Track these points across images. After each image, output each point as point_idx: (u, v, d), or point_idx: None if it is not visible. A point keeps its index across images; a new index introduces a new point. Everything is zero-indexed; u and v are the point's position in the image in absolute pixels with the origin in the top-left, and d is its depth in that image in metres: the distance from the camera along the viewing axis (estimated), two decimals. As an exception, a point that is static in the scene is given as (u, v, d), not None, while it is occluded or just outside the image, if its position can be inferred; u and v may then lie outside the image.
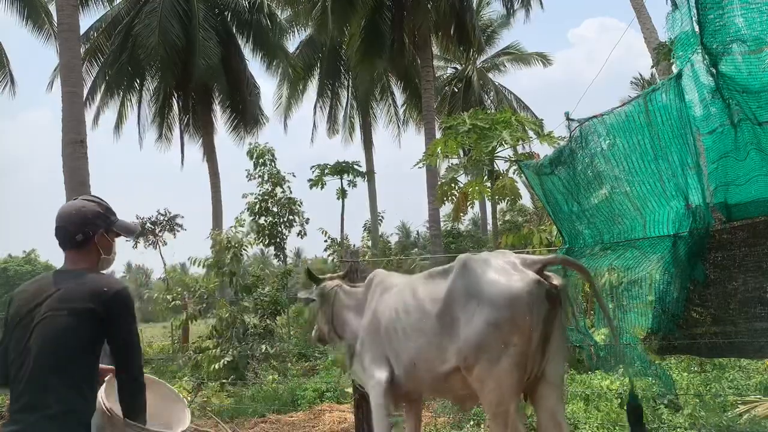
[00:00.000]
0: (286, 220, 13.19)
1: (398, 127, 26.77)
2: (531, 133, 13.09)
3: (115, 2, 20.93)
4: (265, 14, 21.29)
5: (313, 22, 20.87)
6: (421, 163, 14.20)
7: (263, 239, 12.84)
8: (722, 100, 3.14)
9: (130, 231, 2.57)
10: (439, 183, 14.10)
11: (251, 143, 13.84)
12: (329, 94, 25.84)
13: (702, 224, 3.37)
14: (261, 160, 13.00)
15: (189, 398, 7.80)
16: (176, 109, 22.54)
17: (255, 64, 32.17)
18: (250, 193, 12.93)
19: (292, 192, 13.41)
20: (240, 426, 6.56)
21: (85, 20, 20.12)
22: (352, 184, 19.69)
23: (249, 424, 6.61)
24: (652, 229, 3.59)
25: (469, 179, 12.73)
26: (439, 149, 12.72)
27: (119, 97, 21.28)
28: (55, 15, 13.73)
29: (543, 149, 12.03)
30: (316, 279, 4.41)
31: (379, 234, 22.81)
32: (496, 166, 12.21)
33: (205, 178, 21.64)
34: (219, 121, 22.47)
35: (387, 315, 3.56)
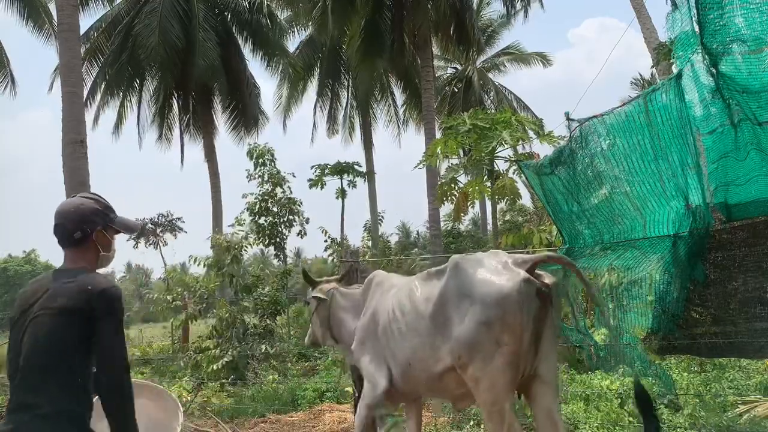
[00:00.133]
0: (286, 220, 13.17)
1: (398, 127, 26.81)
2: (531, 133, 13.10)
3: (115, 2, 20.93)
4: (265, 14, 21.29)
5: (313, 22, 20.87)
6: (422, 164, 14.20)
7: (263, 239, 12.83)
8: (722, 100, 3.15)
9: (130, 228, 2.55)
10: (439, 183, 14.09)
11: (251, 143, 13.82)
12: (329, 94, 25.84)
13: (702, 224, 3.37)
14: (261, 161, 12.99)
15: (189, 398, 7.80)
16: (176, 109, 22.54)
17: (255, 64, 32.28)
18: (250, 193, 12.93)
19: (292, 192, 13.41)
20: (240, 426, 6.56)
21: (85, 20, 20.17)
22: (352, 185, 19.68)
23: (249, 424, 6.61)
24: (652, 229, 3.60)
25: (469, 179, 12.72)
26: (439, 149, 12.71)
27: (119, 97, 21.29)
28: (55, 15, 13.74)
29: (543, 149, 12.04)
30: (312, 281, 4.42)
31: (379, 234, 22.80)
32: (496, 166, 12.20)
33: (205, 178, 21.67)
34: (219, 121, 22.50)
35: (384, 316, 3.58)
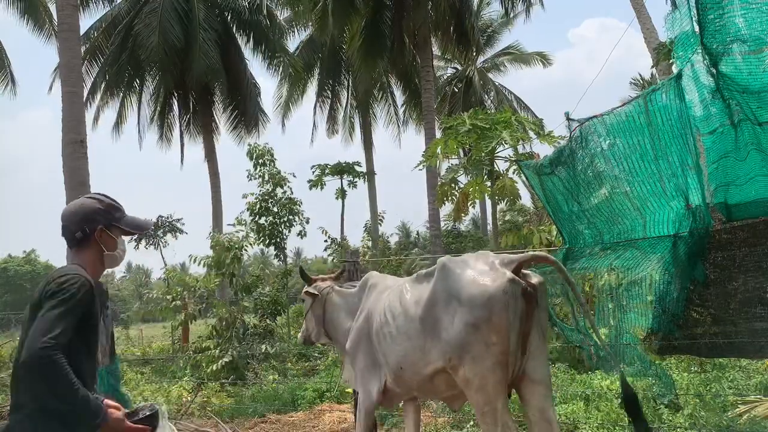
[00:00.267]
0: (286, 220, 13.17)
1: (398, 127, 26.83)
2: (531, 133, 13.10)
3: (115, 2, 20.94)
4: (265, 14, 21.30)
5: (313, 22, 20.87)
6: (422, 165, 14.20)
7: (263, 239, 12.83)
8: (722, 101, 3.15)
9: (139, 227, 2.51)
10: (439, 183, 14.10)
11: (251, 143, 13.81)
12: (329, 94, 25.85)
13: (702, 224, 3.37)
14: (261, 161, 13.00)
15: (189, 398, 7.80)
16: (176, 109, 22.55)
17: (255, 64, 32.22)
18: (251, 193, 12.94)
19: (293, 192, 13.42)
20: (240, 426, 6.56)
21: (85, 20, 20.18)
22: (352, 185, 19.68)
23: (249, 424, 6.61)
24: (652, 229, 3.60)
25: (469, 179, 12.72)
26: (439, 149, 12.73)
27: (119, 97, 21.29)
28: (55, 15, 13.74)
29: (543, 149, 12.05)
30: (308, 279, 4.43)
31: (379, 234, 22.79)
32: (496, 166, 12.21)
33: (205, 178, 21.65)
34: (219, 121, 22.48)
35: (377, 318, 3.61)
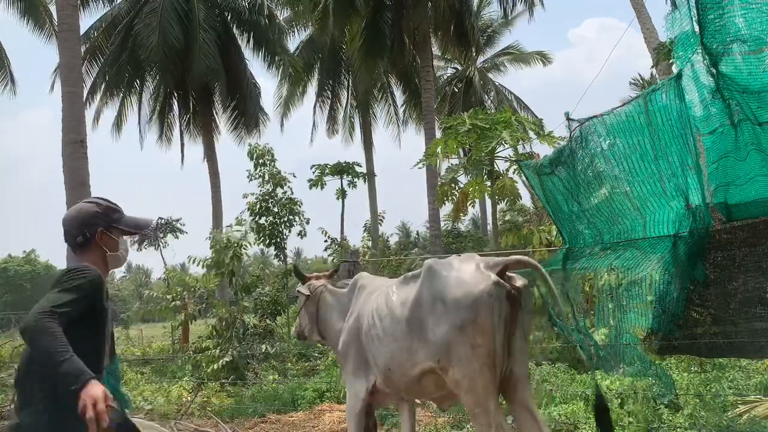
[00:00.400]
0: (287, 220, 13.18)
1: (398, 127, 26.82)
2: (531, 133, 13.10)
3: (115, 2, 20.94)
4: (265, 14, 21.29)
5: (314, 22, 20.87)
6: (421, 164, 14.20)
7: (263, 239, 12.84)
8: (722, 101, 3.15)
9: (139, 226, 2.56)
10: (439, 183, 14.10)
11: (251, 143, 13.82)
12: (329, 94, 25.85)
13: (702, 224, 3.37)
14: (261, 161, 13.00)
15: (189, 398, 7.80)
16: (176, 109, 22.55)
17: (256, 64, 32.20)
18: (251, 193, 12.95)
19: (293, 192, 13.42)
20: (240, 426, 6.56)
21: (85, 20, 20.18)
22: (352, 185, 19.68)
23: (249, 424, 6.61)
24: (652, 229, 3.60)
25: (469, 179, 12.72)
26: (439, 149, 12.73)
27: (119, 97, 21.30)
28: (55, 15, 13.74)
29: (543, 149, 12.05)
30: (302, 276, 4.47)
31: (379, 234, 22.80)
32: (496, 166, 12.21)
33: (205, 178, 21.65)
34: (220, 121, 22.49)
35: (366, 320, 3.66)
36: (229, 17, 21.73)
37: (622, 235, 3.75)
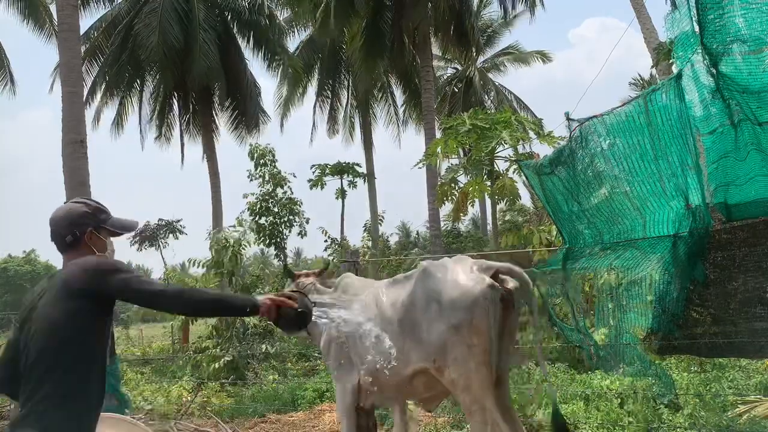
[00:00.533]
0: (287, 220, 13.18)
1: (398, 127, 26.79)
2: (531, 133, 13.09)
3: (115, 2, 20.94)
4: (265, 15, 21.29)
5: (314, 23, 20.87)
6: (421, 164, 14.20)
7: (263, 239, 12.84)
8: (722, 101, 3.15)
9: (125, 227, 2.58)
10: (439, 183, 14.10)
11: (252, 143, 13.83)
12: (329, 93, 25.85)
13: (702, 224, 3.37)
14: (262, 161, 13.01)
15: (189, 398, 7.80)
16: (176, 108, 22.53)
17: (256, 64, 32.21)
18: (251, 193, 12.95)
19: (293, 192, 13.42)
20: (240, 426, 6.56)
21: (85, 20, 20.15)
22: (352, 185, 19.68)
23: (249, 424, 6.61)
24: (652, 229, 3.60)
25: (469, 179, 12.72)
26: (439, 149, 12.73)
27: (119, 97, 21.29)
28: (55, 15, 13.74)
29: (543, 149, 12.05)
30: (291, 274, 4.55)
31: (379, 234, 22.80)
32: (496, 166, 12.21)
33: (205, 178, 21.64)
34: (220, 121, 22.46)
35: (354, 321, 3.69)
36: (229, 17, 21.71)
37: (622, 235, 3.75)
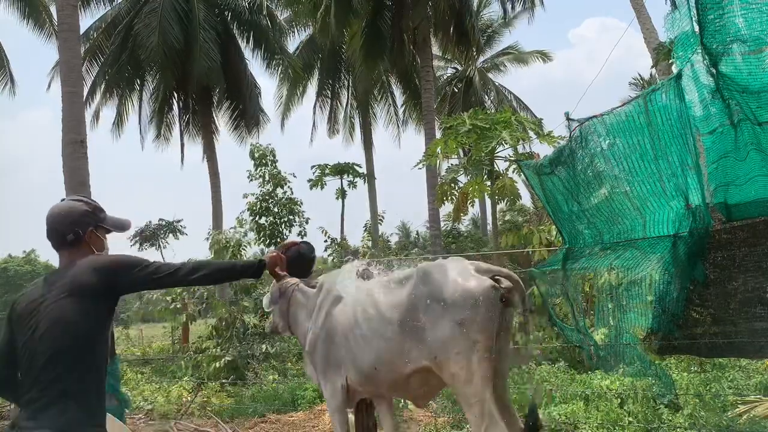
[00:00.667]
0: (287, 220, 13.17)
1: (398, 127, 26.79)
2: (531, 133, 13.08)
3: (115, 2, 20.93)
4: (265, 15, 21.29)
5: (314, 23, 20.86)
6: (421, 164, 14.19)
7: (263, 239, 12.83)
8: (722, 100, 3.15)
9: (121, 226, 2.61)
10: (439, 183, 14.09)
11: (252, 143, 13.81)
12: (329, 93, 25.85)
13: (702, 224, 3.37)
14: (263, 161, 13.00)
15: (189, 398, 7.80)
16: (176, 108, 22.54)
17: (256, 64, 32.18)
18: (251, 193, 12.95)
19: (293, 192, 13.41)
20: (240, 426, 6.56)
21: (85, 20, 20.16)
22: (352, 185, 19.70)
23: (249, 424, 6.61)
24: (652, 229, 3.60)
25: (469, 179, 12.71)
26: (439, 149, 12.71)
27: (119, 97, 21.29)
28: (55, 15, 13.73)
29: (543, 149, 12.04)
30: (276, 275, 4.52)
31: (379, 234, 22.79)
32: (496, 166, 12.20)
33: (205, 178, 21.65)
34: (219, 121, 22.47)
35: (344, 322, 3.75)
36: (229, 17, 21.71)
37: (622, 235, 3.75)
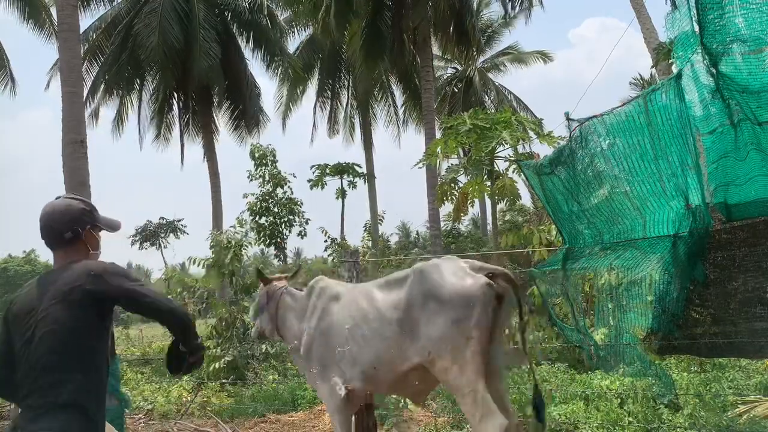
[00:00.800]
0: (286, 220, 13.19)
1: (398, 127, 26.81)
2: (531, 133, 13.08)
3: (115, 2, 20.93)
4: (265, 15, 21.29)
5: (314, 23, 20.87)
6: (421, 164, 14.20)
7: (264, 239, 12.84)
8: (722, 100, 3.15)
9: (113, 226, 2.61)
10: (439, 183, 14.09)
11: (253, 144, 13.84)
12: (329, 94, 25.86)
13: (702, 224, 3.37)
14: (263, 161, 13.02)
15: (189, 398, 7.80)
16: (176, 108, 22.54)
17: (256, 64, 32.22)
18: (251, 193, 12.96)
19: (293, 192, 13.43)
20: (240, 426, 6.56)
21: (85, 20, 20.16)
22: (352, 185, 19.69)
23: (249, 424, 6.61)
24: (652, 229, 3.60)
25: (469, 179, 12.71)
26: (439, 149, 12.72)
27: (119, 97, 21.30)
28: (55, 15, 13.73)
29: (543, 149, 12.04)
30: (264, 278, 4.58)
31: (379, 234, 22.80)
32: (496, 166, 12.20)
33: (205, 178, 21.65)
34: (219, 122, 22.49)
35: (341, 323, 3.78)
36: (229, 17, 21.71)
37: (622, 235, 3.75)
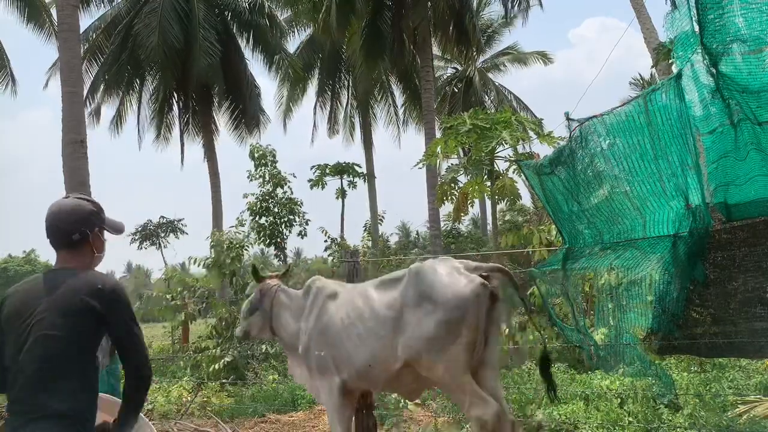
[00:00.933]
0: (287, 220, 13.19)
1: (398, 127, 26.81)
2: (531, 133, 13.08)
3: (115, 2, 20.94)
4: (265, 15, 21.30)
5: (315, 23, 20.87)
6: (421, 164, 14.19)
7: (264, 239, 12.85)
8: (722, 100, 3.14)
9: (118, 229, 2.59)
10: (439, 183, 14.09)
11: (252, 144, 13.85)
12: (329, 94, 25.87)
13: (702, 224, 3.37)
14: (263, 161, 13.02)
15: (189, 398, 7.80)
16: (176, 108, 22.54)
17: (256, 64, 32.24)
18: (251, 193, 12.96)
19: (293, 192, 13.44)
20: (240, 426, 6.56)
21: (85, 20, 20.17)
22: (352, 185, 19.70)
23: (249, 424, 6.61)
24: (652, 229, 3.59)
25: (469, 179, 12.71)
26: (439, 149, 12.72)
27: (119, 97, 21.30)
28: (55, 15, 13.73)
29: (543, 149, 12.04)
30: (258, 277, 4.58)
31: (379, 234, 22.80)
32: (496, 166, 12.20)
33: (205, 178, 21.66)
34: (220, 122, 22.50)
35: (338, 322, 3.82)
36: (229, 17, 21.73)
37: (622, 235, 3.75)
